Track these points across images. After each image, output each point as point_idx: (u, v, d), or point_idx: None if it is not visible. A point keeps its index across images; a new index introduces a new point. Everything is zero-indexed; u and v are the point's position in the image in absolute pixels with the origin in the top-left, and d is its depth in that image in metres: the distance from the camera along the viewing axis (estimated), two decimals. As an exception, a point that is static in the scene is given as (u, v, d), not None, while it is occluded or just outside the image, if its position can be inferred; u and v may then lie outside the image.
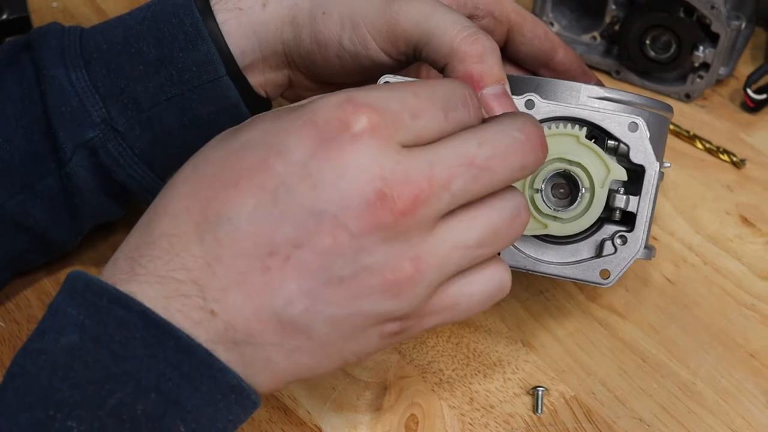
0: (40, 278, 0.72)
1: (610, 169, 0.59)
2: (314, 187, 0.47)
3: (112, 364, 0.47)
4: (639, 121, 0.59)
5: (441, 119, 0.49)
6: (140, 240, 0.50)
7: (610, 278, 0.60)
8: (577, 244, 0.62)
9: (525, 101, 0.59)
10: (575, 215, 0.60)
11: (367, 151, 0.47)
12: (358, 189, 0.46)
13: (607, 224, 0.61)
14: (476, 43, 0.58)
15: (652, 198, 0.60)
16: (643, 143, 0.59)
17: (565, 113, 0.59)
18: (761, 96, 0.82)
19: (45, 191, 0.65)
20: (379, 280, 0.48)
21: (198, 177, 0.50)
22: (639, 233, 0.60)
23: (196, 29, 0.63)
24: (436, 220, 0.48)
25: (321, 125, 0.47)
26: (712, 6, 0.78)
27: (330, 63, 0.64)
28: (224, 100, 0.65)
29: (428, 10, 0.59)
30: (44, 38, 0.65)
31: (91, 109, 0.64)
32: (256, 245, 0.47)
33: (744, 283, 0.72)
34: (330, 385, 0.65)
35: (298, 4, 0.64)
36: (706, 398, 0.65)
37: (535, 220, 0.60)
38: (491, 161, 0.49)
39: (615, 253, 0.60)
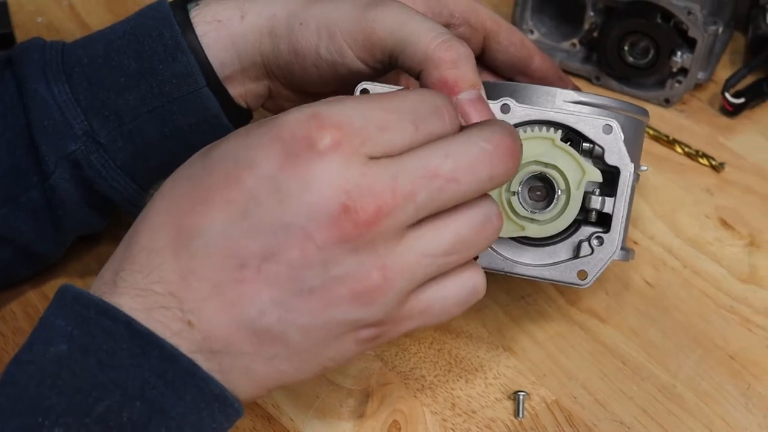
0: (25, 291, 0.72)
1: (586, 170, 0.60)
2: (281, 201, 0.48)
3: (99, 373, 0.48)
4: (613, 124, 0.60)
5: (411, 131, 0.50)
6: (123, 254, 0.51)
7: (587, 279, 0.61)
8: (554, 246, 0.62)
9: (500, 105, 0.60)
10: (552, 217, 0.60)
11: (331, 165, 0.48)
12: (323, 202, 0.48)
13: (584, 226, 0.62)
14: (450, 49, 0.58)
15: (627, 199, 0.60)
16: (618, 145, 0.60)
17: (540, 117, 0.60)
18: (739, 100, 0.83)
19: (28, 204, 0.66)
20: (348, 290, 0.49)
21: (174, 193, 0.51)
22: (615, 234, 0.61)
23: (175, 42, 0.64)
24: (403, 230, 0.49)
25: (288, 141, 0.48)
26: (689, 12, 0.79)
27: (308, 72, 0.65)
28: (205, 111, 0.66)
29: (403, 18, 0.60)
30: (26, 53, 0.66)
31: (73, 122, 0.64)
32: (228, 258, 0.48)
33: (723, 285, 0.73)
34: (313, 392, 0.66)
35: (275, 15, 0.65)
36: (686, 400, 0.66)
37: (512, 222, 0.60)
38: (456, 173, 0.50)
39: (592, 254, 0.61)
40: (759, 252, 0.75)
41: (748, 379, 0.67)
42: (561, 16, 0.88)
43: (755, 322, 0.70)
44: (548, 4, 0.87)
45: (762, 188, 0.79)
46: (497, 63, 0.70)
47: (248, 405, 0.65)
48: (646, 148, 0.79)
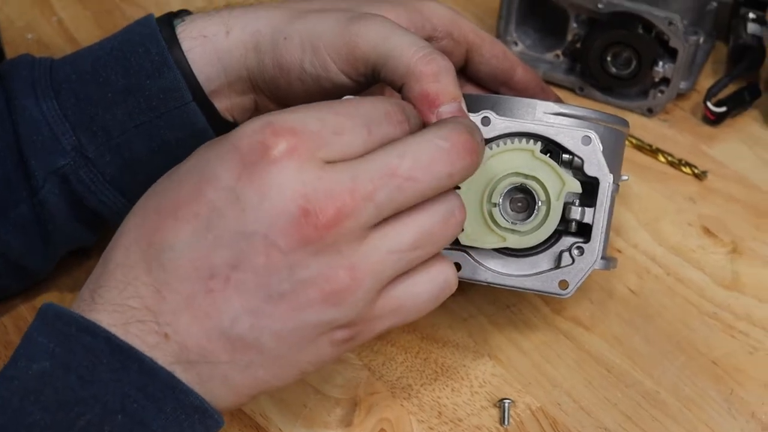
0: (16, 305, 0.73)
1: (565, 181, 0.60)
2: (242, 210, 0.49)
3: (80, 388, 0.49)
4: (592, 135, 0.61)
5: (364, 134, 0.52)
6: (100, 272, 0.53)
7: (568, 289, 0.62)
8: (536, 257, 0.63)
9: (481, 118, 0.61)
10: (532, 228, 0.61)
11: (288, 171, 0.49)
12: (282, 207, 0.49)
13: (564, 236, 0.63)
14: (432, 63, 0.59)
15: (607, 209, 0.61)
16: (597, 156, 0.61)
17: (520, 129, 0.61)
18: (721, 109, 0.84)
19: (18, 219, 0.66)
20: (317, 292, 0.50)
21: (146, 209, 0.53)
22: (595, 244, 0.61)
23: (162, 57, 0.65)
24: (365, 230, 0.50)
25: (244, 150, 0.50)
26: (670, 22, 0.80)
27: (293, 86, 0.65)
28: (191, 125, 0.66)
29: (385, 32, 0.61)
30: (15, 69, 0.67)
31: (61, 137, 0.65)
32: (197, 269, 0.50)
33: (706, 292, 0.74)
34: (301, 402, 0.67)
35: (260, 30, 0.65)
36: (669, 406, 0.67)
37: (493, 234, 0.61)
38: (414, 171, 0.51)
39: (573, 264, 0.62)
40: (741, 259, 0.75)
41: (730, 385, 0.68)
42: (545, 28, 0.89)
43: (738, 328, 0.71)
44: (532, 16, 0.89)
45: (744, 196, 0.80)
46: (480, 75, 0.71)
47: (236, 415, 0.66)
48: (629, 157, 0.80)
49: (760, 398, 0.67)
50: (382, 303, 0.52)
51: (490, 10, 0.92)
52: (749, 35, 0.86)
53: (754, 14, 0.86)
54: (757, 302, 0.73)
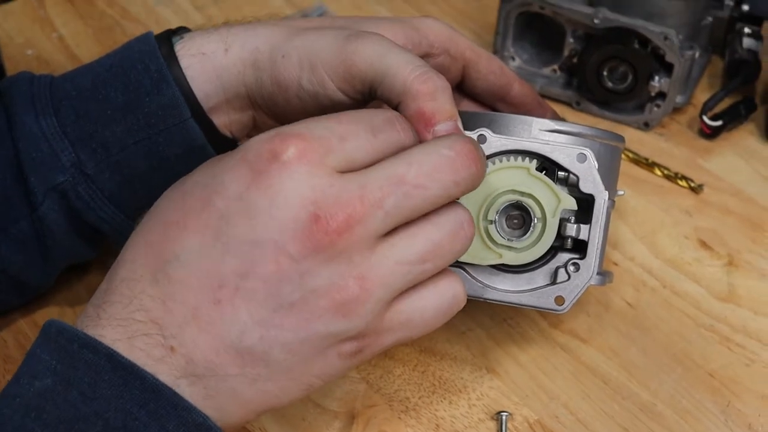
0: (16, 319, 0.73)
1: (561, 199, 0.61)
2: (251, 217, 0.49)
3: (81, 405, 0.49)
4: (587, 152, 0.61)
5: (370, 139, 0.52)
6: (105, 288, 0.53)
7: (564, 305, 0.62)
8: (532, 273, 0.64)
9: (477, 136, 0.61)
10: (528, 244, 0.62)
11: (297, 176, 0.50)
12: (292, 214, 0.49)
13: (560, 252, 0.63)
14: (428, 81, 0.59)
15: (602, 226, 0.62)
16: (592, 173, 0.61)
17: (516, 146, 0.62)
18: (717, 123, 0.84)
19: (18, 234, 0.67)
20: (327, 301, 0.50)
21: (151, 223, 0.53)
22: (591, 260, 0.62)
23: (161, 74, 0.65)
24: (375, 239, 0.51)
25: (252, 159, 0.50)
26: (666, 37, 0.81)
27: (291, 103, 0.66)
28: (190, 142, 0.67)
29: (382, 50, 0.61)
30: (15, 86, 0.68)
31: (60, 154, 0.65)
32: (205, 279, 0.50)
33: (703, 305, 0.74)
34: (300, 415, 0.67)
35: (258, 48, 0.66)
36: (666, 418, 0.67)
37: (490, 250, 0.62)
38: (421, 178, 0.51)
39: (569, 280, 0.62)
40: (737, 271, 0.76)
41: (727, 397, 0.68)
42: (541, 44, 0.90)
43: (734, 341, 0.71)
44: (529, 31, 0.89)
45: (740, 209, 0.80)
46: (477, 91, 0.72)
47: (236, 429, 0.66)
48: (626, 171, 0.81)
49: (757, 410, 0.67)
50: (390, 316, 0.53)
51: (487, 25, 0.93)
52: (745, 50, 0.87)
53: (750, 29, 0.87)
54: (753, 315, 0.73)
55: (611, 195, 0.63)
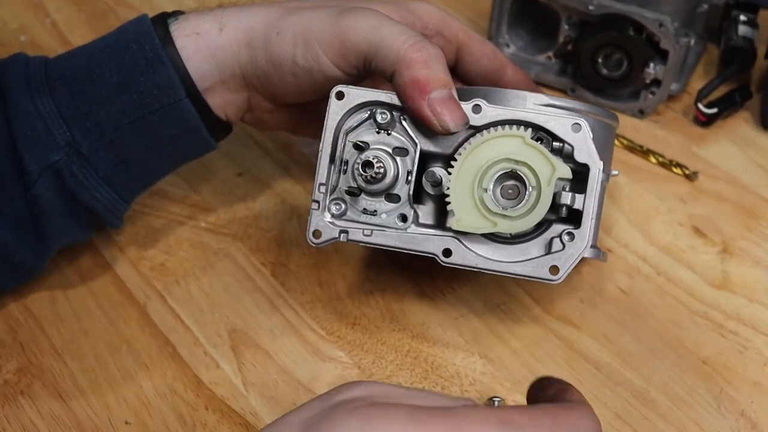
0: (6, 303, 0.73)
1: (556, 167, 0.61)
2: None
3: None
4: (582, 122, 0.61)
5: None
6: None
7: (559, 274, 0.62)
8: (527, 244, 0.63)
9: (472, 106, 0.61)
10: (523, 213, 0.61)
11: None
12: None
13: (555, 224, 0.63)
14: (422, 49, 0.60)
15: (597, 195, 0.61)
16: (587, 143, 0.61)
17: (511, 116, 0.62)
18: (712, 110, 0.84)
19: (11, 214, 0.67)
20: None
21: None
22: (585, 230, 0.61)
23: (156, 54, 0.65)
24: None
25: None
26: (660, 24, 0.80)
27: (286, 81, 0.66)
28: (185, 122, 0.67)
29: (376, 23, 0.62)
30: (9, 68, 0.67)
31: (55, 132, 0.65)
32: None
33: (696, 292, 0.74)
34: (291, 400, 0.67)
35: (253, 27, 0.66)
36: (659, 405, 0.67)
37: (484, 219, 0.61)
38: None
39: (563, 250, 0.62)
40: (731, 259, 0.76)
41: (720, 383, 0.68)
42: (536, 30, 0.89)
43: (727, 328, 0.71)
44: (523, 18, 0.89)
45: (734, 196, 0.80)
46: (471, 75, 0.71)
47: (226, 413, 0.66)
48: (621, 158, 0.80)
49: (749, 397, 0.67)
50: None
51: (482, 12, 0.93)
52: (740, 37, 0.86)
53: (745, 16, 0.87)
54: (747, 302, 0.73)
55: (606, 170, 0.63)
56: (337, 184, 0.64)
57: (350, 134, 0.64)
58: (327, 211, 0.64)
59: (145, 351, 0.71)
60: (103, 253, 0.76)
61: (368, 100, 0.63)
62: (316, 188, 0.64)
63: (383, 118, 0.63)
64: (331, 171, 0.64)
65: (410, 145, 0.63)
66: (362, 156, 0.63)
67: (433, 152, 0.64)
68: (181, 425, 0.66)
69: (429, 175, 0.64)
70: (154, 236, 0.78)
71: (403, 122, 0.63)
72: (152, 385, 0.68)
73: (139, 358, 0.70)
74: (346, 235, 0.64)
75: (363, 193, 0.64)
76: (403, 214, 0.64)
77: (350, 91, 0.63)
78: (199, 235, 0.78)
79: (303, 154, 0.84)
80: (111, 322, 0.72)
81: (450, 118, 0.60)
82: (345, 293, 0.74)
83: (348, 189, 0.64)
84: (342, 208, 0.64)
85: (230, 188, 0.82)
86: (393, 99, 0.63)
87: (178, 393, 0.68)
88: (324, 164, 0.64)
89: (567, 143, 0.61)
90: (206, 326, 0.72)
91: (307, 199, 0.72)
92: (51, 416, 0.67)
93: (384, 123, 0.63)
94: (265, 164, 0.83)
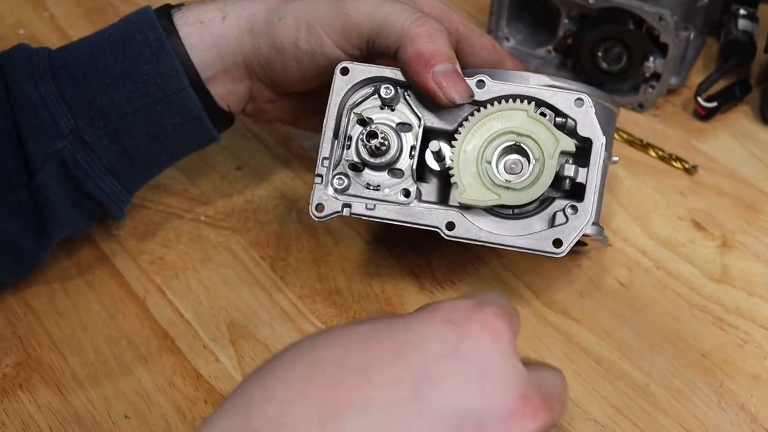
0: (5, 297, 0.73)
1: (559, 140, 0.61)
2: (457, 386, 0.46)
3: None
4: (584, 97, 0.62)
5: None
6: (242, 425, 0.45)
7: (562, 247, 0.62)
8: (530, 219, 0.63)
9: (476, 82, 0.62)
10: (527, 184, 0.61)
11: (506, 354, 0.47)
12: (504, 393, 0.46)
13: (558, 200, 0.63)
14: (425, 24, 0.61)
15: (600, 169, 0.62)
16: (589, 117, 0.61)
17: (514, 92, 0.62)
18: (711, 104, 0.84)
19: (15, 203, 0.67)
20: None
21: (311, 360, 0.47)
22: (588, 203, 0.62)
23: (159, 43, 0.66)
24: None
25: (461, 326, 0.47)
26: (660, 17, 0.80)
27: (288, 67, 0.66)
28: (188, 111, 0.67)
29: (377, 2, 0.63)
30: (13, 58, 0.68)
31: (59, 120, 0.65)
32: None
33: (696, 285, 0.74)
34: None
35: (255, 14, 0.67)
36: (659, 398, 0.67)
37: (488, 191, 0.62)
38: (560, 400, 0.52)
39: (566, 223, 0.62)
40: (731, 252, 0.76)
41: (720, 377, 0.68)
42: (536, 24, 0.89)
43: (727, 321, 0.71)
44: (523, 12, 0.89)
45: (734, 190, 0.80)
46: (469, 67, 0.71)
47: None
48: (620, 152, 0.80)
49: (749, 390, 0.67)
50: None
51: (482, 6, 0.93)
52: (740, 31, 0.86)
53: (745, 10, 0.87)
54: (747, 295, 0.73)
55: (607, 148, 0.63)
56: (340, 159, 0.64)
57: (354, 109, 0.64)
58: (330, 186, 0.64)
59: (144, 345, 0.70)
60: (102, 247, 0.76)
61: (373, 75, 0.64)
62: (319, 163, 0.64)
63: (387, 93, 0.63)
64: (334, 146, 0.64)
65: (414, 120, 0.64)
66: (367, 128, 0.63)
67: (437, 128, 0.64)
68: (180, 419, 0.66)
69: (433, 147, 0.64)
70: (154, 230, 0.78)
71: (407, 98, 0.64)
72: (151, 379, 0.68)
73: (138, 352, 0.70)
74: (349, 209, 0.64)
75: (366, 167, 0.64)
76: (406, 188, 0.64)
77: (355, 67, 0.64)
78: (198, 229, 0.78)
79: (303, 147, 0.84)
80: (110, 316, 0.72)
81: (455, 90, 0.61)
82: (344, 287, 0.74)
83: (351, 163, 0.64)
84: (345, 183, 0.64)
85: (229, 182, 0.81)
86: (397, 75, 0.64)
87: (177, 387, 0.68)
88: (328, 139, 0.64)
89: (570, 118, 0.62)
90: (205, 320, 0.72)
91: (307, 193, 0.72)
92: (50, 410, 0.67)
93: (388, 98, 0.63)
94: (265, 158, 0.83)
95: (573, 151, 0.61)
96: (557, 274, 0.74)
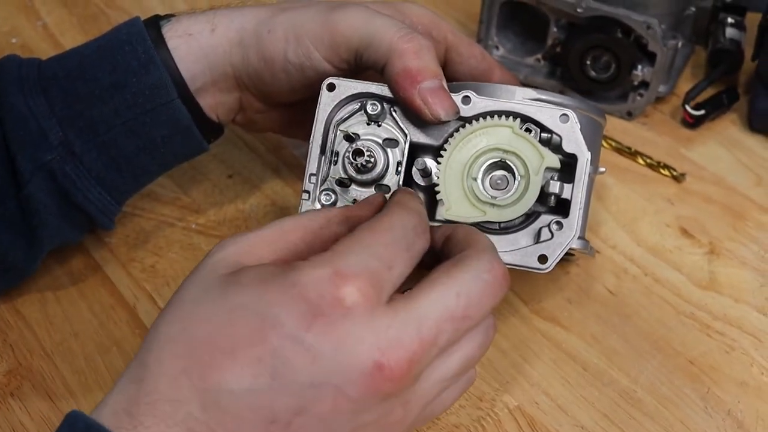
0: (-4, 305, 0.74)
1: (544, 157, 0.61)
2: (313, 360, 0.48)
3: None
4: (569, 113, 0.62)
5: (407, 259, 0.53)
6: (138, 395, 0.49)
7: (547, 263, 0.62)
8: (515, 234, 0.64)
9: (462, 97, 0.62)
10: (512, 201, 0.62)
11: (360, 321, 0.49)
12: (357, 361, 0.48)
13: (544, 215, 0.64)
14: (413, 40, 0.61)
15: (585, 185, 0.62)
16: (575, 133, 0.62)
17: (500, 108, 0.62)
18: (700, 112, 0.85)
19: (5, 215, 0.67)
20: (374, 429, 0.50)
21: (190, 337, 0.50)
22: (574, 219, 0.62)
23: (148, 56, 0.66)
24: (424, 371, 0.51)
25: (314, 300, 0.49)
26: (648, 26, 0.81)
27: (277, 79, 0.67)
28: (176, 122, 0.67)
29: (366, 16, 0.63)
30: (2, 69, 0.68)
31: (48, 132, 0.66)
32: (257, 413, 0.48)
33: (683, 292, 0.74)
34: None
35: (244, 26, 0.67)
36: (646, 404, 0.67)
37: (473, 208, 0.62)
38: (470, 310, 0.52)
39: (552, 239, 0.62)
40: (718, 260, 0.76)
41: (707, 384, 0.68)
42: (525, 33, 0.90)
43: (714, 328, 0.72)
44: (512, 21, 0.89)
45: (721, 197, 0.81)
46: (459, 76, 0.72)
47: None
48: (609, 160, 0.81)
49: (736, 397, 0.67)
50: (419, 416, 0.54)
51: (471, 15, 0.93)
52: (728, 40, 0.87)
53: (733, 19, 0.87)
54: (734, 302, 0.73)
55: (593, 161, 0.63)
56: (327, 175, 0.65)
57: (341, 125, 0.64)
58: (317, 201, 0.65)
59: (135, 352, 0.70)
60: (93, 255, 0.77)
61: (359, 91, 0.64)
62: (306, 178, 0.64)
63: (374, 109, 0.64)
64: (321, 162, 0.65)
65: (400, 136, 0.64)
66: (353, 145, 0.63)
67: (423, 143, 0.64)
68: (170, 426, 0.66)
69: (419, 165, 0.64)
70: (145, 238, 0.78)
71: (394, 114, 0.64)
72: (142, 386, 0.69)
73: (129, 360, 0.70)
74: None
75: (353, 183, 0.65)
76: None
77: (341, 82, 0.64)
78: (190, 237, 0.78)
79: (293, 156, 0.84)
80: (101, 324, 0.72)
81: (441, 107, 0.61)
82: (334, 294, 0.74)
83: (338, 179, 0.64)
84: (332, 199, 0.64)
85: (220, 190, 0.82)
86: (384, 90, 0.64)
87: (167, 394, 0.68)
88: (315, 155, 0.64)
89: (555, 134, 0.62)
90: (196, 327, 0.72)
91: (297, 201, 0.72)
92: (41, 417, 0.67)
93: (374, 114, 0.64)
94: (256, 166, 0.84)
95: (558, 167, 0.62)
96: (545, 282, 0.74)
